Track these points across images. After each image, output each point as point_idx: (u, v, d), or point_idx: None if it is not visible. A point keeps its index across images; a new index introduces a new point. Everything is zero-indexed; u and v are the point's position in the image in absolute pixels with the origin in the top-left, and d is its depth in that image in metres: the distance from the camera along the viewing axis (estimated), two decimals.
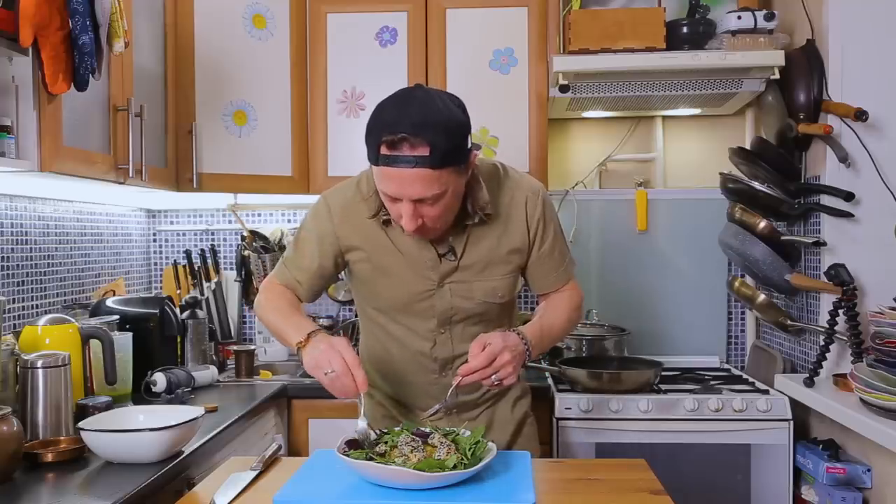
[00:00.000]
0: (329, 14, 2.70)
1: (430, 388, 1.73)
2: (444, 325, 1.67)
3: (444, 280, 1.64)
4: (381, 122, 1.43)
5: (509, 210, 1.65)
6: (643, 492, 1.38)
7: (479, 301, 1.66)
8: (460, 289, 1.65)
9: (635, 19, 2.42)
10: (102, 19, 1.73)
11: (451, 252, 1.63)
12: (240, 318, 3.06)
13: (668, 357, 2.74)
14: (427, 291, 1.65)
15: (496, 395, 1.79)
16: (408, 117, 1.40)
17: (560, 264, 1.72)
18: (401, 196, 1.46)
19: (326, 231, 1.67)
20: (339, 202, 1.67)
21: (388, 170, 1.44)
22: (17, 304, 2.18)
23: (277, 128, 2.67)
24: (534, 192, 1.67)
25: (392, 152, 1.41)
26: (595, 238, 2.91)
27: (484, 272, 1.65)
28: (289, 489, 1.34)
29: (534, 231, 1.66)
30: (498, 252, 1.65)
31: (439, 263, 1.63)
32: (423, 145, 1.39)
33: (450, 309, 1.66)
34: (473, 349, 1.50)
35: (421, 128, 1.39)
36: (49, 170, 1.72)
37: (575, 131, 3.04)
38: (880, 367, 1.84)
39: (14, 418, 1.49)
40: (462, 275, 1.64)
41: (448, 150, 1.42)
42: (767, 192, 2.38)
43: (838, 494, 2.04)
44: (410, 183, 1.43)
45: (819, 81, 2.28)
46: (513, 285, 1.69)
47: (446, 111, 1.44)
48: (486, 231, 1.64)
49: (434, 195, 1.45)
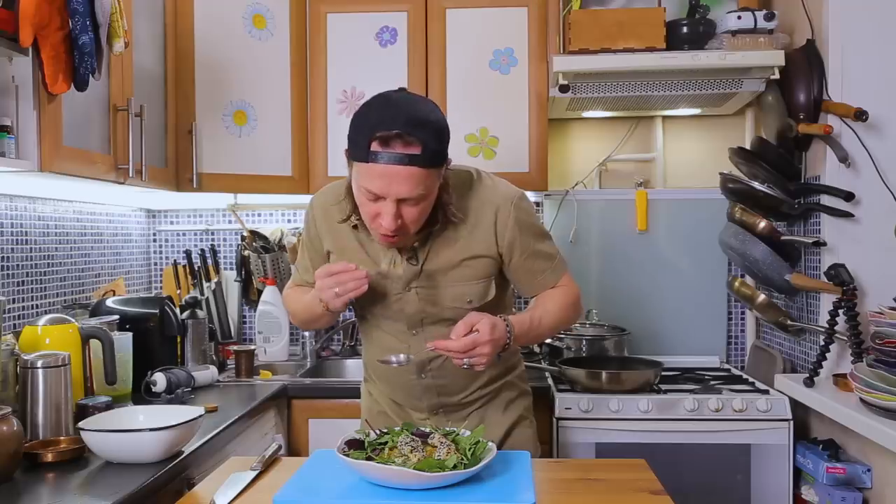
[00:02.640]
0: (329, 14, 2.70)
1: (413, 389, 1.74)
2: (414, 328, 1.68)
3: (409, 285, 1.64)
4: (374, 119, 1.43)
5: (477, 217, 1.62)
6: (643, 492, 1.38)
7: (448, 306, 1.65)
8: (427, 294, 1.64)
9: (635, 19, 2.42)
10: (102, 19, 1.73)
11: (415, 257, 1.62)
12: (240, 318, 3.06)
13: (668, 357, 2.74)
14: (395, 295, 1.65)
15: (486, 396, 1.78)
16: (403, 115, 1.41)
17: (545, 266, 1.69)
18: (386, 194, 1.45)
19: (313, 234, 1.73)
20: (320, 204, 1.71)
21: (376, 167, 1.43)
22: (17, 304, 2.18)
23: (277, 128, 2.67)
24: (506, 199, 1.63)
25: (383, 149, 1.41)
26: (595, 238, 2.91)
27: (449, 278, 1.64)
28: (289, 489, 1.34)
29: (508, 239, 1.63)
30: (466, 259, 1.63)
31: (404, 267, 1.62)
32: (415, 144, 1.41)
33: (419, 312, 1.66)
34: (459, 329, 1.48)
35: (415, 126, 1.41)
36: (49, 170, 1.72)
37: (575, 131, 3.04)
38: (880, 367, 1.84)
39: (14, 418, 1.48)
40: (427, 280, 1.63)
41: (436, 151, 1.44)
42: (767, 192, 2.38)
43: (838, 494, 2.04)
44: (398, 181, 1.43)
45: (819, 81, 2.28)
46: (484, 292, 1.66)
47: (435, 113, 1.47)
48: (451, 237, 1.62)
49: (418, 195, 1.46)
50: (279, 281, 2.95)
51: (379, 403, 1.84)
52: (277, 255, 2.96)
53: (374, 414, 1.83)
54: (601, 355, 2.61)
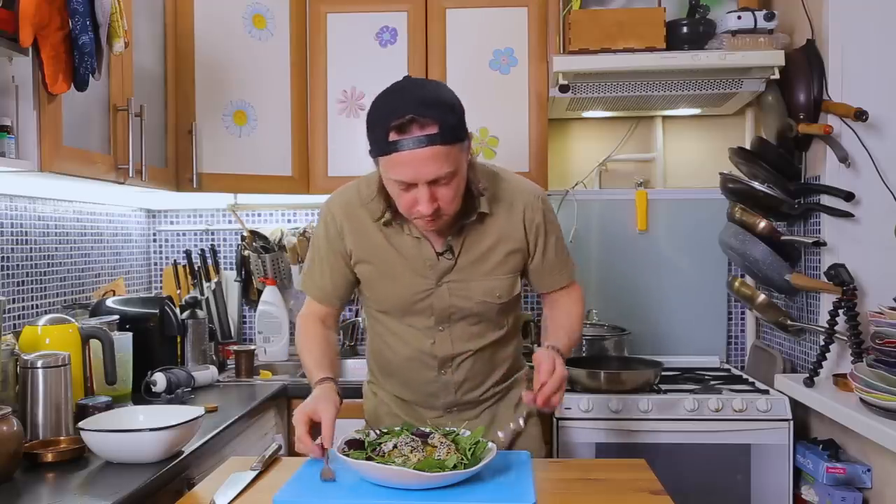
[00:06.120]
0: (329, 14, 2.70)
1: (429, 387, 1.74)
2: (442, 323, 1.69)
3: (441, 279, 1.65)
4: (385, 110, 1.45)
5: (508, 212, 1.66)
6: (643, 492, 1.38)
7: (477, 301, 1.67)
8: (458, 288, 1.66)
9: (635, 19, 2.42)
10: (102, 19, 1.73)
11: (449, 251, 1.64)
12: (240, 318, 3.06)
13: (668, 357, 2.74)
14: (425, 291, 1.66)
15: (498, 394, 1.79)
16: (412, 100, 1.44)
17: (562, 266, 1.75)
18: (416, 180, 1.46)
19: (333, 235, 1.70)
20: (341, 206, 1.70)
21: (399, 155, 1.44)
22: (17, 304, 2.18)
23: (277, 128, 2.67)
24: (535, 196, 1.69)
25: (401, 136, 1.43)
26: (595, 238, 2.91)
27: (481, 272, 1.66)
28: (289, 489, 1.34)
29: (534, 235, 1.68)
30: (495, 252, 1.66)
31: (437, 262, 1.64)
32: (431, 123, 1.42)
33: (448, 307, 1.67)
34: (544, 367, 1.52)
35: (426, 107, 1.42)
36: (49, 170, 1.72)
37: (575, 131, 3.04)
38: (880, 367, 1.84)
39: (14, 418, 1.48)
40: (459, 274, 1.66)
41: (454, 126, 1.45)
42: (767, 192, 2.38)
43: (838, 494, 2.04)
44: (424, 163, 1.44)
45: (819, 81, 2.28)
46: (511, 286, 1.70)
47: (444, 91, 1.51)
48: (484, 231, 1.65)
49: (447, 173, 1.47)
50: (279, 281, 2.95)
51: (386, 404, 1.83)
52: (277, 255, 2.96)
53: (382, 415, 1.82)
54: (601, 355, 2.61)
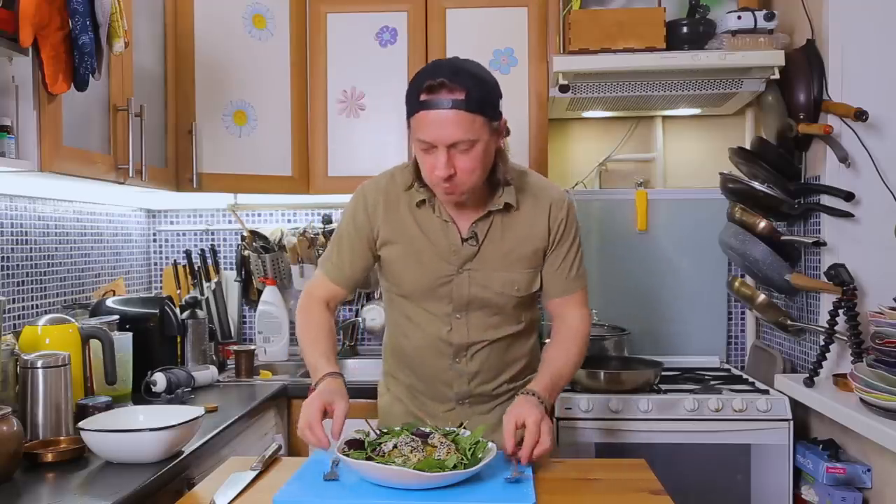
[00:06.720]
0: (329, 14, 2.70)
1: (443, 375, 1.75)
2: (460, 311, 1.71)
3: (463, 266, 1.68)
4: (423, 75, 1.53)
5: (534, 208, 1.70)
6: (643, 492, 1.38)
7: (496, 291, 1.69)
8: (479, 277, 1.69)
9: (635, 19, 2.42)
10: (102, 19, 1.73)
11: (474, 237, 1.68)
12: (240, 318, 3.06)
13: (668, 357, 2.74)
14: (447, 276, 1.69)
15: (511, 391, 1.78)
16: (449, 68, 1.53)
17: (571, 271, 1.74)
18: (436, 141, 1.51)
19: (360, 221, 1.73)
20: (374, 191, 1.74)
21: (425, 114, 1.51)
22: (17, 304, 2.18)
23: (277, 128, 2.67)
24: (560, 195, 1.74)
25: (430, 96, 1.50)
26: (595, 238, 2.91)
27: (503, 263, 1.69)
28: (289, 489, 1.34)
29: (556, 234, 1.71)
30: (518, 245, 1.69)
31: (461, 248, 1.67)
32: (459, 89, 1.49)
33: (467, 295, 1.69)
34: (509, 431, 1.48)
35: (458, 74, 1.50)
36: (49, 170, 1.72)
37: (575, 131, 3.04)
38: (880, 367, 1.84)
39: (14, 418, 1.48)
40: (481, 263, 1.68)
41: (482, 98, 1.51)
42: (767, 192, 2.38)
43: (838, 494, 2.04)
44: (445, 125, 1.50)
45: (819, 81, 2.28)
46: (531, 281, 1.72)
47: (482, 69, 1.58)
48: (509, 223, 1.69)
49: (468, 141, 1.51)
50: (279, 281, 2.95)
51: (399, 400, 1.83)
52: (277, 255, 2.96)
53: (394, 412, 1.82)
54: (601, 355, 2.60)
